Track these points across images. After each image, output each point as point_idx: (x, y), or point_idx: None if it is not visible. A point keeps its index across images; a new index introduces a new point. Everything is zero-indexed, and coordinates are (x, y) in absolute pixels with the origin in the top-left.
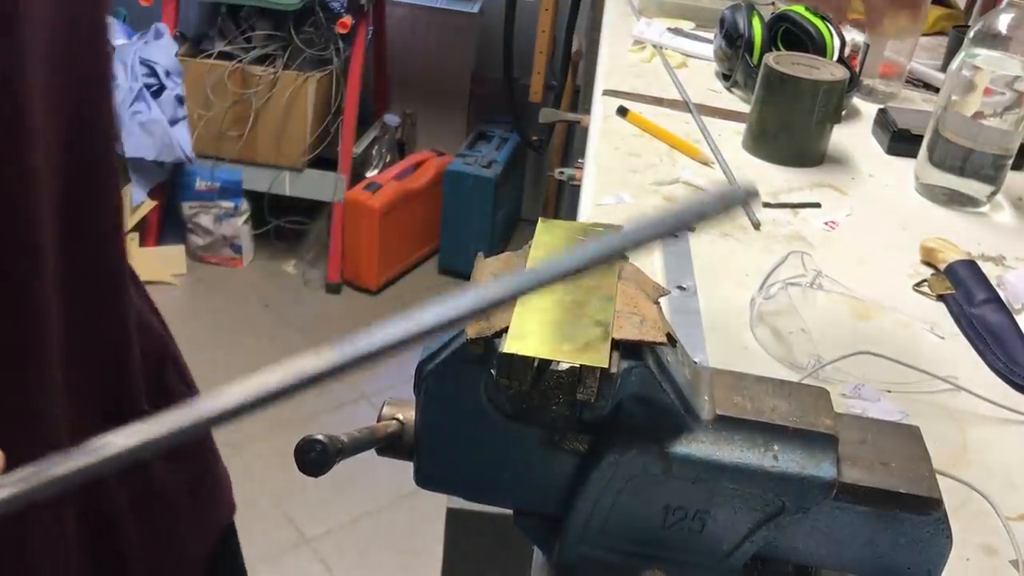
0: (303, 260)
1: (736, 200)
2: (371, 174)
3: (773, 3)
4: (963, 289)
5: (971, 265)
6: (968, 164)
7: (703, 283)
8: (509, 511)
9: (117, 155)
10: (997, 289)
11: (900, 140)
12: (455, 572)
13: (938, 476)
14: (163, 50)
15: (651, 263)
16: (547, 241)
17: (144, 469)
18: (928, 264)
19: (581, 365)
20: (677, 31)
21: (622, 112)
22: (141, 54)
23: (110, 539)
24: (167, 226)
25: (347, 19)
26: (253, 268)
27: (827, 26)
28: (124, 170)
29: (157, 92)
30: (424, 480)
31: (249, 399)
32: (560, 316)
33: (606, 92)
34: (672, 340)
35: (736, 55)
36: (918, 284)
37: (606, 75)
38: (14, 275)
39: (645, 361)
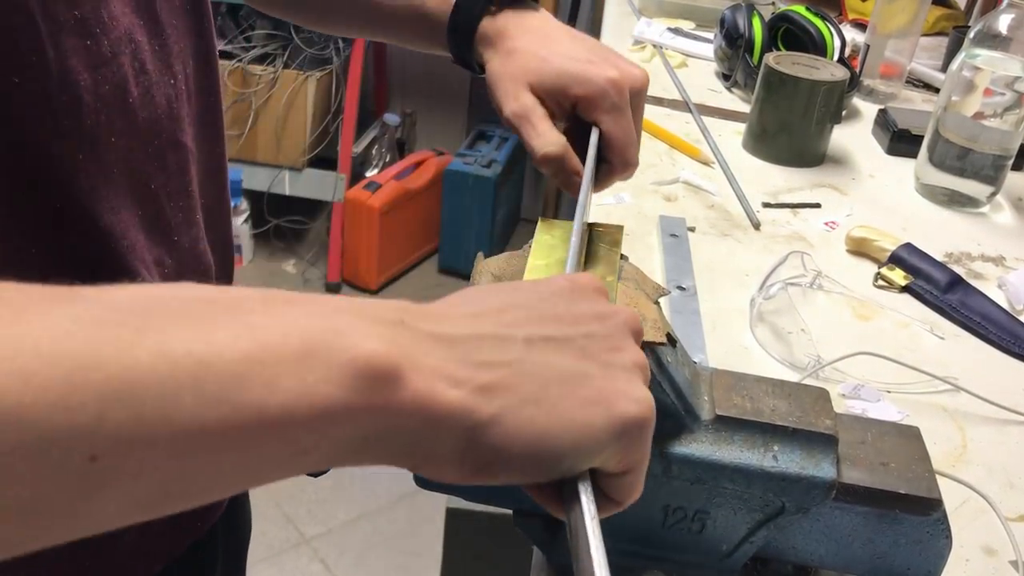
0: (303, 259)
1: None
2: (371, 174)
3: (773, 3)
4: (922, 276)
5: (911, 248)
6: (968, 164)
7: (703, 283)
8: (509, 511)
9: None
10: (998, 290)
11: (900, 140)
12: (454, 572)
13: (938, 476)
14: None
15: (651, 263)
16: (547, 241)
17: None
18: (860, 255)
19: None
20: (677, 31)
21: None
22: None
23: None
24: None
25: None
26: (253, 267)
27: (827, 26)
28: None
29: None
30: (424, 480)
31: None
32: None
33: None
34: (672, 340)
35: (736, 55)
36: (876, 280)
37: None
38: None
39: None
